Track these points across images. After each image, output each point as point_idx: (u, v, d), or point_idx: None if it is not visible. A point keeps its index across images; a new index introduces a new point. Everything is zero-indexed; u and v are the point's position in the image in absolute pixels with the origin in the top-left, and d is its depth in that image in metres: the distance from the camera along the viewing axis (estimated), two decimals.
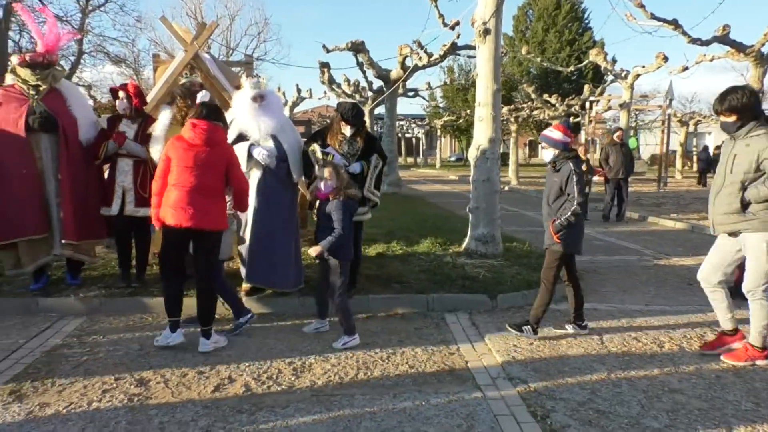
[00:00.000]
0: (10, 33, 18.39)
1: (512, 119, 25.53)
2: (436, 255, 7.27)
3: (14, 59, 5.47)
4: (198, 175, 4.32)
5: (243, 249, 5.42)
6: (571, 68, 22.84)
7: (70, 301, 5.42)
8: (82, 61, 20.84)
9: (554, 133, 4.77)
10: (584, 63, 21.18)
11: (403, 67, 16.36)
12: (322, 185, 4.67)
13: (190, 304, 4.77)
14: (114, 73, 35.32)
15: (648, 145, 38.86)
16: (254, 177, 5.32)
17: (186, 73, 6.45)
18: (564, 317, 5.26)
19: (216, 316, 4.74)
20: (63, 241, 5.49)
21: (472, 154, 7.30)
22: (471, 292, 5.85)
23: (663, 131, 20.78)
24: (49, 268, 5.91)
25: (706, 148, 26.77)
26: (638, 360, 4.39)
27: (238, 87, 6.65)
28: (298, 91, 30.94)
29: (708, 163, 23.38)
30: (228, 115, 5.48)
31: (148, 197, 5.74)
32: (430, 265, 6.72)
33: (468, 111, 32.55)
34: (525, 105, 25.78)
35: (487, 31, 6.93)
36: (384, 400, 3.70)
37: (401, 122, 43.09)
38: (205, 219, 4.35)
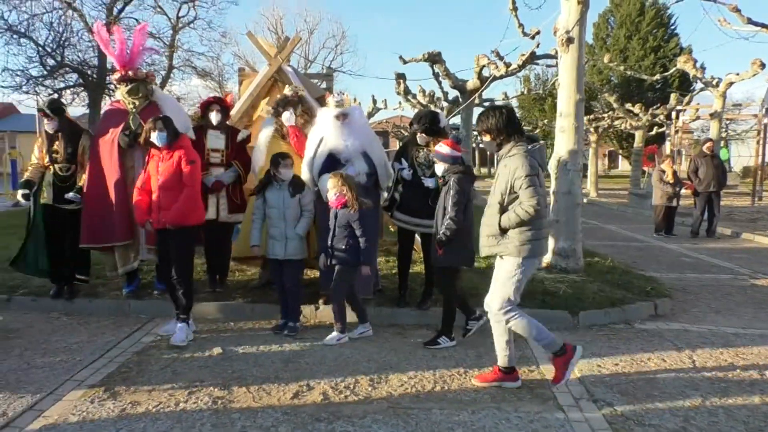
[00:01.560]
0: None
1: (592, 129, 24.74)
2: None
3: (113, 77, 5.87)
4: None
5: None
6: (657, 76, 21.87)
7: (158, 304, 5.68)
8: (171, 75, 21.99)
9: (443, 148, 4.78)
10: (671, 71, 20.27)
11: (480, 77, 16.18)
12: (330, 195, 4.95)
13: (268, 311, 4.90)
14: (199, 86, 37.11)
15: (740, 156, 36.59)
16: None
17: (289, 86, 6.61)
18: (645, 336, 5.01)
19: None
20: (147, 247, 5.76)
21: (552, 166, 7.11)
22: (551, 309, 5.67)
23: (758, 142, 19.52)
24: (140, 272, 6.21)
25: None
26: (736, 387, 4.10)
27: (318, 99, 6.81)
28: (374, 101, 31.29)
29: None
30: (313, 132, 5.65)
31: (240, 204, 6.02)
32: None
33: (545, 121, 31.82)
34: (605, 115, 24.91)
35: (570, 40, 6.74)
36: (462, 416, 3.63)
37: (475, 132, 42.67)
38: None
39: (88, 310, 5.68)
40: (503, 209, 3.92)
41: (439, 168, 4.81)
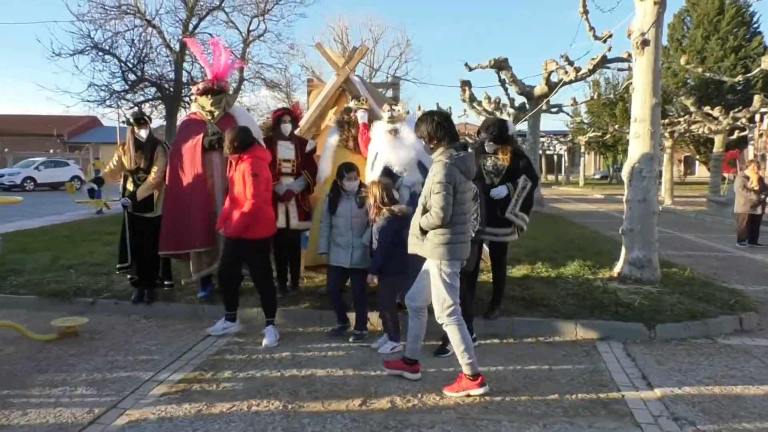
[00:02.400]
0: (184, 64, 20.51)
1: (667, 134, 23.73)
2: (584, 279, 6.89)
3: (193, 89, 6.12)
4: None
5: None
6: (738, 78, 20.75)
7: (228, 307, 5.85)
8: (242, 87, 22.73)
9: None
10: (754, 71, 19.19)
11: (548, 83, 15.90)
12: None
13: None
14: (268, 97, 38.12)
15: None
16: (403, 200, 5.43)
17: (349, 98, 6.72)
18: (730, 352, 4.74)
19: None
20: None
21: (626, 172, 6.86)
22: (626, 320, 5.46)
23: None
24: (213, 277, 6.43)
25: None
26: None
27: None
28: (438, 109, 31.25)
29: None
30: (371, 145, 5.76)
31: (309, 212, 6.16)
32: (579, 289, 6.38)
33: (616, 126, 30.79)
34: (681, 119, 23.85)
35: (645, 42, 6.51)
36: (533, 429, 3.54)
37: (542, 139, 41.84)
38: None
39: (165, 313, 5.92)
40: (425, 211, 4.05)
41: None
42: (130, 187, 5.96)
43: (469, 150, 4.17)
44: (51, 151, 41.57)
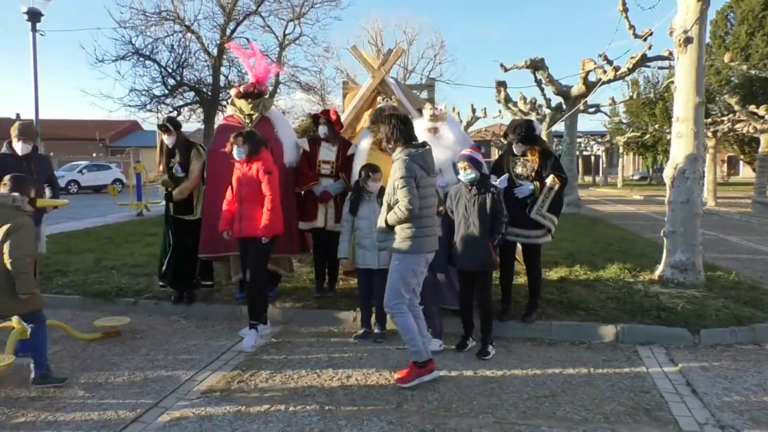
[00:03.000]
0: (222, 68, 20.86)
1: (709, 134, 23.08)
2: (624, 282, 6.74)
3: (232, 92, 6.21)
4: None
5: None
6: None
7: (268, 310, 5.91)
8: (278, 90, 23.00)
9: (478, 155, 4.90)
10: None
11: (586, 82, 15.62)
12: None
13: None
14: (303, 99, 38.51)
15: None
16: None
17: (380, 99, 6.74)
18: None
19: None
20: None
21: (668, 173, 6.69)
22: (668, 325, 5.32)
23: None
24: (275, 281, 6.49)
25: None
26: None
27: (420, 110, 6.85)
28: (473, 110, 31.05)
29: None
30: None
31: None
32: (619, 293, 6.24)
33: (656, 126, 30.08)
34: (725, 118, 23.15)
35: (688, 40, 6.33)
36: None
37: (579, 139, 41.18)
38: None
39: (204, 314, 6.02)
40: (390, 208, 4.21)
41: (471, 174, 4.80)
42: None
43: (427, 147, 4.29)
44: (93, 154, 42.82)
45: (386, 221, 4.24)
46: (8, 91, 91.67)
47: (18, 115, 53.45)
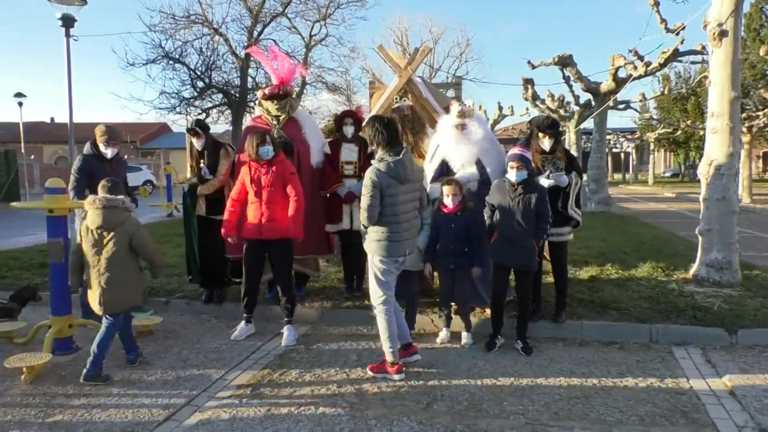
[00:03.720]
0: (249, 70, 21.07)
1: (744, 129, 22.49)
2: (658, 281, 6.61)
3: (259, 94, 6.25)
4: None
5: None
6: None
7: (297, 310, 5.94)
8: (304, 91, 23.13)
9: (528, 153, 4.89)
10: None
11: (616, 78, 15.36)
12: (448, 200, 5.02)
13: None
14: (329, 100, 38.66)
15: None
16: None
17: (396, 98, 6.74)
18: None
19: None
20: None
21: (703, 170, 6.53)
22: (704, 325, 5.20)
23: None
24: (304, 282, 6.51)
25: None
26: None
27: (447, 108, 6.81)
28: (500, 108, 30.82)
29: None
30: (434, 138, 5.71)
31: None
32: (652, 292, 6.12)
33: (688, 122, 29.44)
34: (761, 113, 22.55)
35: (723, 33, 6.18)
36: None
37: (609, 136, 40.54)
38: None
39: (234, 313, 6.06)
40: None
41: (523, 174, 4.76)
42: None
43: (402, 156, 4.34)
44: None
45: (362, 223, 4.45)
46: (43, 95, 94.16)
47: (52, 119, 55.05)
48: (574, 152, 5.87)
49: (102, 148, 5.61)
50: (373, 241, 4.37)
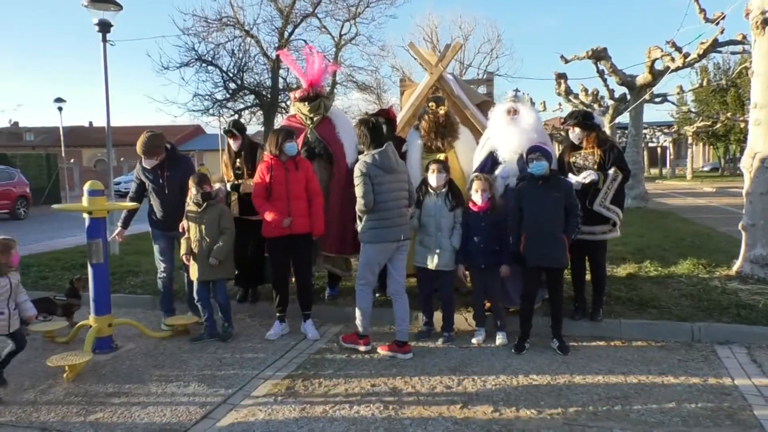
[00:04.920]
0: (280, 71, 21.25)
1: None
2: (699, 278, 6.42)
3: (291, 96, 6.27)
4: None
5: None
6: None
7: (330, 309, 5.96)
8: (335, 90, 23.23)
9: (549, 146, 4.99)
10: None
11: (652, 71, 15.00)
12: (478, 198, 4.99)
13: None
14: (359, 99, 38.70)
15: None
16: (497, 192, 5.27)
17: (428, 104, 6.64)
18: None
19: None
20: (322, 253, 6.02)
21: (746, 163, 6.32)
22: (749, 323, 5.03)
23: None
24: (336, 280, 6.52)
25: None
26: None
27: (479, 105, 6.74)
28: (532, 103, 30.39)
29: None
30: (485, 133, 5.64)
31: None
32: (693, 290, 5.95)
33: (728, 114, 28.63)
34: None
35: (766, 22, 5.96)
36: None
37: (645, 131, 39.68)
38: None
39: (268, 313, 6.10)
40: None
41: (543, 166, 4.73)
42: (233, 196, 6.17)
43: (385, 147, 4.74)
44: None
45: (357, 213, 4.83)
46: (81, 99, 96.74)
47: (91, 123, 56.51)
48: None
49: (144, 161, 5.73)
50: (366, 229, 4.74)
